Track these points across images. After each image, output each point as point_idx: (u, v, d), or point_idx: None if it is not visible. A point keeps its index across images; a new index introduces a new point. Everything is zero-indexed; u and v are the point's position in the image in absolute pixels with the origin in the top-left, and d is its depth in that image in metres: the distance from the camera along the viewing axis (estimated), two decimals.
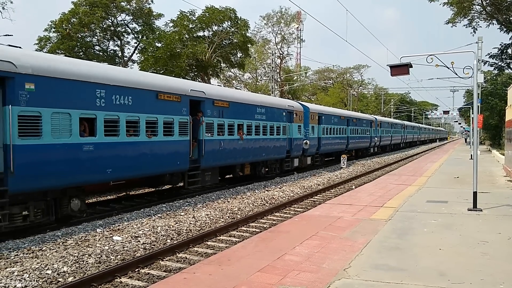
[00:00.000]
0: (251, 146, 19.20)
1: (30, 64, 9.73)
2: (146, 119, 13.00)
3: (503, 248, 8.05)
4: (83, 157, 10.92)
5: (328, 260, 7.23)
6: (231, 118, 17.59)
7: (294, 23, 67.54)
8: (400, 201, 13.37)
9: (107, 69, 12.68)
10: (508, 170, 21.36)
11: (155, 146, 13.38)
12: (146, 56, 41.92)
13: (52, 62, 10.64)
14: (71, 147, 10.59)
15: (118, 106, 11.95)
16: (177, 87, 14.72)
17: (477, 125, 13.47)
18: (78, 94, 10.77)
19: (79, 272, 7.85)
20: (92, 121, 11.26)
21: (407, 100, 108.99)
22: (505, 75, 44.34)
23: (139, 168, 12.98)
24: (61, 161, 10.37)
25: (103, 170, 11.60)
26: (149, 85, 13.43)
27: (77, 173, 10.84)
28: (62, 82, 10.41)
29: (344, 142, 33.35)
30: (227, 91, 20.64)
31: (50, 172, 10.16)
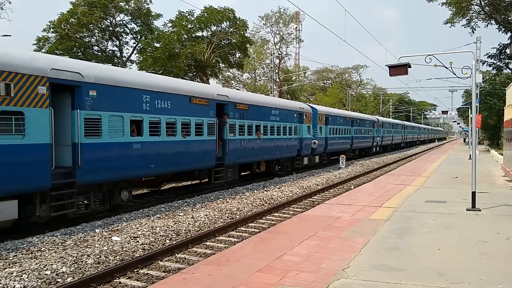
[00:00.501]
0: (267, 145, 20.80)
1: (93, 74, 11.35)
2: (182, 121, 14.61)
3: (502, 248, 8.06)
4: (132, 154, 12.57)
5: (327, 260, 7.23)
6: (250, 119, 19.23)
7: (293, 23, 67.54)
8: (399, 201, 13.38)
9: (150, 77, 14.97)
10: (506, 170, 21.39)
11: (188, 145, 14.97)
12: (145, 56, 41.91)
13: (109, 71, 12.62)
14: (123, 145, 12.27)
15: (159, 110, 13.60)
16: (205, 92, 16.41)
17: (475, 125, 13.49)
18: (129, 99, 12.47)
19: (78, 272, 7.84)
20: (140, 123, 12.90)
21: (405, 100, 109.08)
22: (503, 75, 44.41)
23: (176, 164, 14.60)
24: (116, 158, 12.05)
25: (148, 165, 13.24)
26: (184, 90, 15.12)
27: (128, 168, 12.52)
28: (117, 89, 12.03)
29: (349, 142, 34.65)
30: (247, 95, 22.76)
31: (108, 166, 11.82)
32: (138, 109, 12.76)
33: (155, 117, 13.38)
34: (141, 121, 12.88)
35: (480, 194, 12.82)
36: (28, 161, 9.71)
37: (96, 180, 11.70)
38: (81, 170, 10.89)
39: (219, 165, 16.96)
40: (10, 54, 9.79)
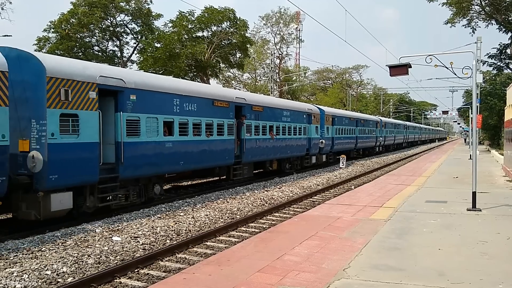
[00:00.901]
0: (279, 145, 22.21)
1: (133, 80, 12.70)
2: (206, 122, 15.96)
3: (502, 248, 8.06)
4: (165, 152, 13.89)
5: (328, 260, 7.24)
6: (264, 120, 20.68)
7: (293, 23, 67.56)
8: (399, 201, 13.38)
9: (180, 82, 16.75)
10: (507, 170, 21.38)
11: (211, 144, 16.33)
12: (145, 57, 41.91)
13: (146, 78, 14.13)
14: (158, 144, 13.59)
15: (187, 112, 14.96)
16: (226, 95, 17.89)
17: (476, 125, 13.49)
18: (162, 103, 13.80)
19: (79, 272, 7.85)
20: (171, 124, 14.21)
21: (406, 100, 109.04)
22: (504, 75, 44.42)
23: (201, 162, 15.93)
24: (151, 155, 13.35)
25: (178, 162, 14.59)
26: (208, 94, 16.52)
27: (161, 165, 13.88)
28: (152, 94, 13.38)
29: (354, 141, 35.91)
30: (262, 98, 23.80)
31: (145, 163, 13.14)
32: (170, 112, 14.14)
33: (184, 119, 14.79)
34: (172, 122, 14.26)
35: (480, 194, 12.82)
36: (82, 158, 10.96)
37: (135, 175, 13.06)
38: (123, 166, 12.24)
39: (236, 163, 18.35)
40: (68, 63, 11.30)
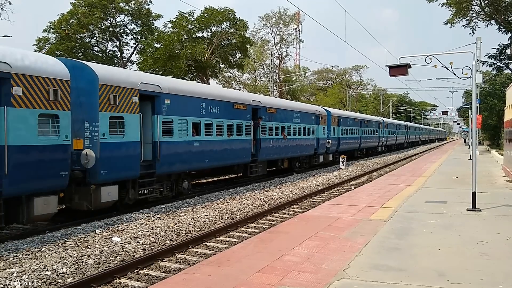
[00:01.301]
0: (290, 144, 23.67)
1: (167, 86, 14.24)
2: (227, 123, 17.51)
3: (502, 248, 8.06)
4: (193, 150, 15.43)
5: (328, 260, 7.23)
6: (277, 121, 22.19)
7: (293, 23, 67.54)
8: (399, 201, 13.38)
9: (205, 88, 19.43)
10: (507, 170, 21.39)
11: (232, 143, 17.85)
12: (145, 57, 41.90)
13: (177, 84, 15.68)
14: (187, 143, 15.12)
15: (211, 114, 16.48)
16: (244, 99, 19.59)
17: (476, 125, 13.49)
18: (191, 106, 15.35)
19: (78, 273, 7.84)
20: (198, 125, 15.73)
21: (406, 101, 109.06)
22: (503, 75, 44.44)
23: (223, 159, 17.48)
24: (182, 153, 14.86)
25: (204, 160, 16.12)
26: (228, 97, 18.14)
27: (190, 162, 15.41)
28: (183, 98, 14.90)
29: (358, 141, 37.36)
30: (275, 100, 26.15)
31: (177, 160, 14.64)
32: (197, 114, 15.67)
33: (209, 120, 16.30)
34: (199, 124, 15.78)
35: (480, 195, 12.82)
36: (126, 155, 12.44)
37: (169, 171, 14.57)
38: (159, 163, 13.71)
39: (253, 161, 19.81)
40: (115, 72, 13.27)
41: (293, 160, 24.90)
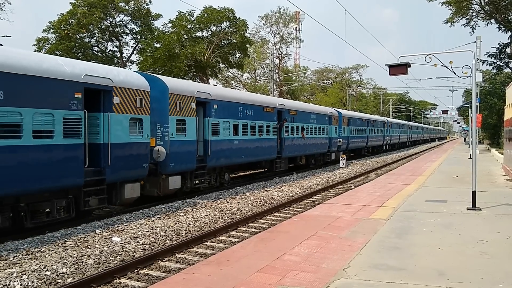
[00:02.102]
0: (308, 143, 26.20)
1: (215, 93, 17.15)
2: (258, 124, 20.23)
3: (502, 247, 8.05)
4: (233, 147, 18.09)
5: (327, 260, 7.23)
6: (298, 122, 24.80)
7: (293, 23, 67.49)
8: (399, 200, 13.37)
9: (243, 94, 24.26)
10: (507, 169, 21.38)
11: (262, 142, 20.57)
12: (145, 57, 41.90)
13: (222, 91, 20.14)
14: (229, 141, 17.80)
15: (247, 116, 19.18)
16: (271, 102, 22.64)
17: (476, 124, 13.48)
18: (232, 110, 18.09)
19: (78, 273, 7.84)
20: (237, 126, 18.38)
21: (406, 100, 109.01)
22: (503, 74, 44.40)
23: (255, 155, 20.23)
24: (226, 150, 17.51)
25: (241, 155, 18.90)
26: (260, 102, 21.07)
27: (231, 157, 18.08)
28: (226, 103, 17.65)
29: (365, 140, 39.99)
30: (296, 103, 28.52)
31: (222, 156, 17.33)
32: (236, 117, 18.35)
33: (245, 122, 19.00)
34: (238, 125, 18.47)
35: (480, 194, 12.81)
36: (187, 151, 15.06)
37: (216, 165, 17.20)
38: (209, 158, 16.35)
39: (278, 157, 22.40)
40: (180, 83, 16.24)
41: (310, 157, 27.65)
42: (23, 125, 9.49)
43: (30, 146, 9.69)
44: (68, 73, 10.69)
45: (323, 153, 29.54)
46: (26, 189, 9.83)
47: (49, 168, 10.17)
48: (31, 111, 9.65)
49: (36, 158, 9.83)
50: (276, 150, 22.08)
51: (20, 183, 9.55)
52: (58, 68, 10.61)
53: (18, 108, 9.40)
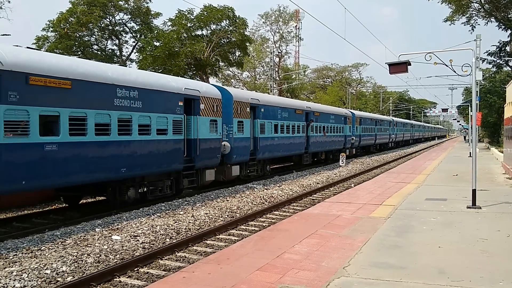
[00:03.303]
0: (328, 140, 30.21)
1: (262, 99, 21.46)
2: (291, 124, 24.03)
3: (502, 245, 8.05)
4: (274, 143, 21.88)
5: (327, 258, 7.22)
6: (320, 122, 28.61)
7: (293, 21, 67.41)
8: (399, 199, 13.37)
9: (281, 99, 29.09)
10: (507, 168, 21.38)
11: (294, 139, 24.38)
12: (145, 55, 41.75)
13: (267, 97, 23.82)
14: (271, 138, 21.64)
15: (283, 118, 23.08)
16: (300, 105, 26.84)
17: (475, 122, 13.47)
18: (273, 112, 22.05)
19: (78, 271, 7.83)
20: (276, 125, 22.24)
21: (405, 98, 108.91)
22: (503, 72, 44.32)
23: (289, 150, 24.09)
24: (269, 145, 21.34)
25: (279, 150, 22.70)
26: (292, 105, 25.36)
27: (272, 151, 22.02)
28: (270, 107, 21.76)
29: (374, 138, 44.12)
30: (319, 106, 32.63)
31: (267, 150, 21.24)
32: (276, 118, 22.26)
33: (282, 122, 22.85)
34: (277, 125, 22.26)
35: (480, 192, 12.81)
36: (244, 146, 19.01)
37: (262, 158, 21.07)
38: (258, 152, 20.23)
39: (305, 152, 26.17)
40: (240, 92, 20.73)
41: (328, 152, 31.27)
42: (151, 125, 13.35)
43: (155, 140, 13.59)
44: (175, 87, 14.71)
45: (339, 149, 32.79)
46: (150, 172, 13.74)
47: (164, 156, 14.00)
48: (156, 115, 13.53)
49: (157, 148, 13.65)
50: (304, 146, 25.87)
51: (146, 167, 13.39)
52: (169, 83, 14.71)
53: (149, 113, 13.30)
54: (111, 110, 11.95)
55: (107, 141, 11.90)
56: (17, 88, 9.48)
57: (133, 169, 12.80)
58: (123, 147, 12.44)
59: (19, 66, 9.60)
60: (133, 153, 12.72)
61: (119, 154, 12.31)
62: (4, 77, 9.18)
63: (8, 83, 9.30)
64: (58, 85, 10.43)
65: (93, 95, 11.45)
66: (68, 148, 10.72)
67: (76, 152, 11.00)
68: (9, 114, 9.30)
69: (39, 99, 10.01)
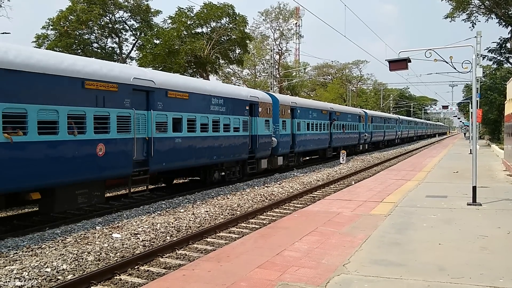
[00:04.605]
0: (346, 137, 34.69)
1: (299, 102, 25.78)
2: (319, 123, 28.10)
3: (503, 242, 8.05)
4: (306, 139, 26.19)
5: (328, 255, 7.22)
6: (340, 121, 32.91)
7: (293, 19, 67.33)
8: (399, 196, 13.37)
9: (312, 102, 32.90)
10: (507, 165, 21.36)
11: (320, 135, 28.53)
12: (145, 53, 41.75)
13: (302, 100, 28.21)
14: (304, 135, 25.79)
15: (313, 117, 27.34)
16: (326, 106, 31.07)
17: (476, 119, 13.45)
18: (306, 113, 26.15)
19: (79, 269, 7.84)
20: (309, 124, 26.37)
21: (406, 95, 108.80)
22: (504, 69, 44.25)
23: (317, 145, 28.20)
24: (303, 140, 25.54)
25: (310, 145, 27.01)
26: (319, 106, 29.49)
27: (305, 145, 26.16)
28: (304, 108, 25.97)
29: (383, 134, 48.22)
30: (339, 106, 37.37)
31: (301, 144, 25.29)
32: (308, 117, 26.46)
33: (312, 121, 27.04)
34: (309, 123, 26.57)
35: (480, 189, 12.80)
36: (286, 140, 23.18)
37: (298, 151, 25.37)
38: (296, 145, 24.56)
39: (328, 147, 30.54)
40: (283, 97, 24.56)
41: (346, 147, 34.86)
42: (230, 124, 17.71)
43: (232, 135, 17.96)
44: (244, 95, 19.34)
45: (355, 144, 37.84)
46: (228, 159, 18.03)
47: (237, 148, 18.37)
48: (233, 117, 17.97)
49: (234, 142, 18.08)
50: (328, 141, 30.08)
51: (226, 155, 17.66)
52: (240, 92, 19.46)
53: (229, 115, 17.69)
54: (208, 114, 16.37)
55: (207, 136, 16.25)
56: (162, 99, 13.78)
57: (220, 157, 17.18)
58: (215, 140, 16.74)
59: (162, 85, 13.92)
60: (220, 145, 17.03)
61: (212, 145, 16.57)
62: (155, 93, 13.53)
63: (157, 96, 13.59)
64: (181, 96, 14.81)
65: (199, 103, 15.88)
66: (186, 140, 15.00)
67: (190, 143, 15.29)
68: (159, 117, 13.67)
69: (172, 106, 14.29)
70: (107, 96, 11.68)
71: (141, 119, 12.93)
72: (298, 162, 25.94)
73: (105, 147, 11.65)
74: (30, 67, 9.77)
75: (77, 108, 10.87)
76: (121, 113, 12.12)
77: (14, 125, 9.49)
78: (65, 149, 10.60)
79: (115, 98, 11.96)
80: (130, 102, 12.42)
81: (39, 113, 9.87)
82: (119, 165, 12.24)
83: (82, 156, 11.04)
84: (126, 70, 13.35)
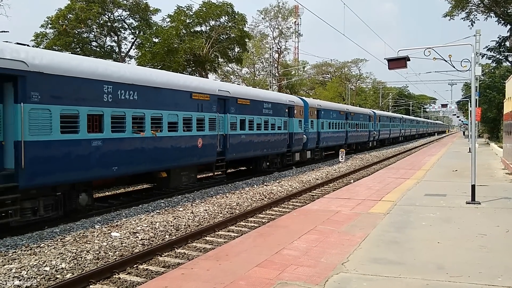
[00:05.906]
0: (359, 134, 38.61)
1: (323, 104, 30.70)
2: (338, 122, 31.97)
3: (502, 241, 8.06)
4: (328, 136, 29.94)
5: (326, 254, 7.22)
6: (354, 120, 36.62)
7: (292, 17, 67.26)
8: (398, 194, 13.37)
9: (332, 104, 36.05)
10: (506, 163, 21.38)
11: (338, 133, 32.42)
12: (144, 52, 41.71)
13: (325, 103, 32.75)
14: (326, 132, 29.59)
15: (334, 117, 31.05)
16: (343, 108, 35.37)
17: (475, 118, 13.46)
18: (328, 114, 29.83)
19: (77, 268, 7.84)
20: (330, 123, 29.91)
21: (405, 94, 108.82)
22: (503, 68, 44.24)
23: (335, 141, 31.73)
24: (326, 137, 29.73)
25: (331, 141, 30.81)
26: (338, 108, 33.59)
27: (327, 142, 29.78)
28: (327, 110, 29.99)
29: (388, 132, 52.49)
30: (353, 108, 42.60)
31: (324, 141, 29.11)
32: (329, 117, 30.12)
33: (333, 121, 30.84)
34: (330, 123, 30.23)
35: (479, 187, 12.81)
36: (313, 138, 26.95)
37: (322, 146, 29.03)
38: (320, 142, 27.99)
39: (344, 143, 33.99)
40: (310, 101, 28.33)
41: (358, 144, 39.43)
42: (275, 124, 21.63)
43: (277, 133, 21.86)
44: (284, 100, 23.36)
45: (365, 142, 41.61)
46: (272, 152, 21.89)
47: (279, 143, 22.14)
48: (277, 117, 21.89)
49: (277, 138, 21.92)
50: (344, 138, 33.93)
51: (272, 149, 21.50)
52: (281, 97, 23.71)
53: (274, 117, 21.64)
54: (262, 116, 20.52)
55: (260, 133, 20.22)
56: (234, 105, 17.96)
57: (268, 149, 21.11)
58: (265, 136, 20.70)
59: (234, 94, 18.16)
60: (268, 140, 20.94)
61: (264, 141, 20.47)
62: (230, 100, 17.64)
63: (231, 103, 17.78)
64: (245, 103, 18.95)
65: (256, 107, 19.96)
66: (247, 136, 19.10)
67: (250, 139, 19.35)
68: (232, 118, 17.82)
69: (240, 110, 18.44)
70: (203, 103, 15.89)
71: (221, 120, 17.14)
72: (321, 156, 29.91)
73: (202, 140, 15.81)
74: (170, 84, 14.44)
75: (187, 113, 15.06)
76: (211, 116, 16.30)
77: (157, 125, 13.64)
78: (181, 142, 14.80)
79: (207, 105, 16.15)
80: (215, 108, 16.67)
81: (169, 117, 14.06)
82: (209, 154, 16.39)
83: (190, 147, 15.23)
84: (213, 84, 18.51)
